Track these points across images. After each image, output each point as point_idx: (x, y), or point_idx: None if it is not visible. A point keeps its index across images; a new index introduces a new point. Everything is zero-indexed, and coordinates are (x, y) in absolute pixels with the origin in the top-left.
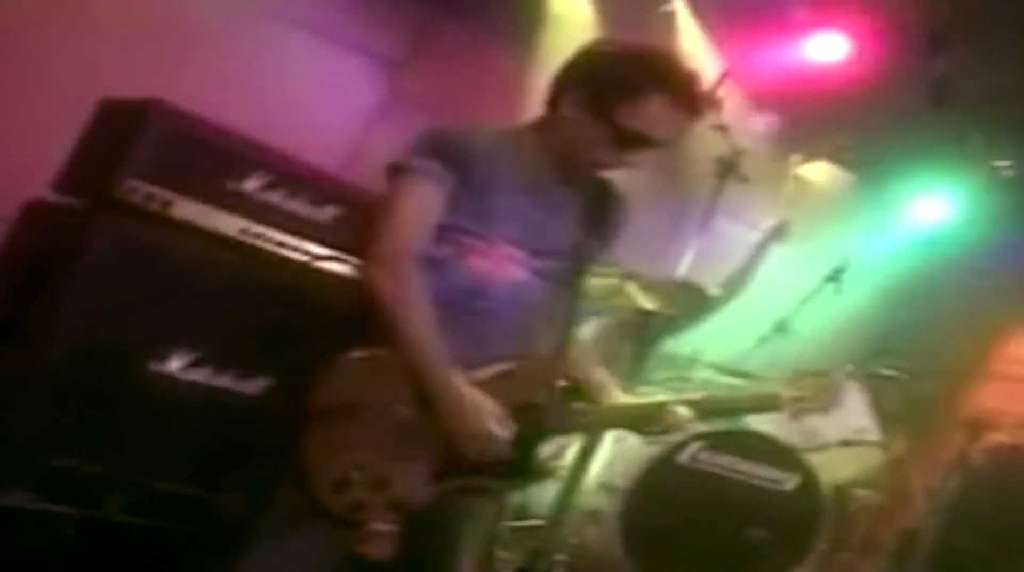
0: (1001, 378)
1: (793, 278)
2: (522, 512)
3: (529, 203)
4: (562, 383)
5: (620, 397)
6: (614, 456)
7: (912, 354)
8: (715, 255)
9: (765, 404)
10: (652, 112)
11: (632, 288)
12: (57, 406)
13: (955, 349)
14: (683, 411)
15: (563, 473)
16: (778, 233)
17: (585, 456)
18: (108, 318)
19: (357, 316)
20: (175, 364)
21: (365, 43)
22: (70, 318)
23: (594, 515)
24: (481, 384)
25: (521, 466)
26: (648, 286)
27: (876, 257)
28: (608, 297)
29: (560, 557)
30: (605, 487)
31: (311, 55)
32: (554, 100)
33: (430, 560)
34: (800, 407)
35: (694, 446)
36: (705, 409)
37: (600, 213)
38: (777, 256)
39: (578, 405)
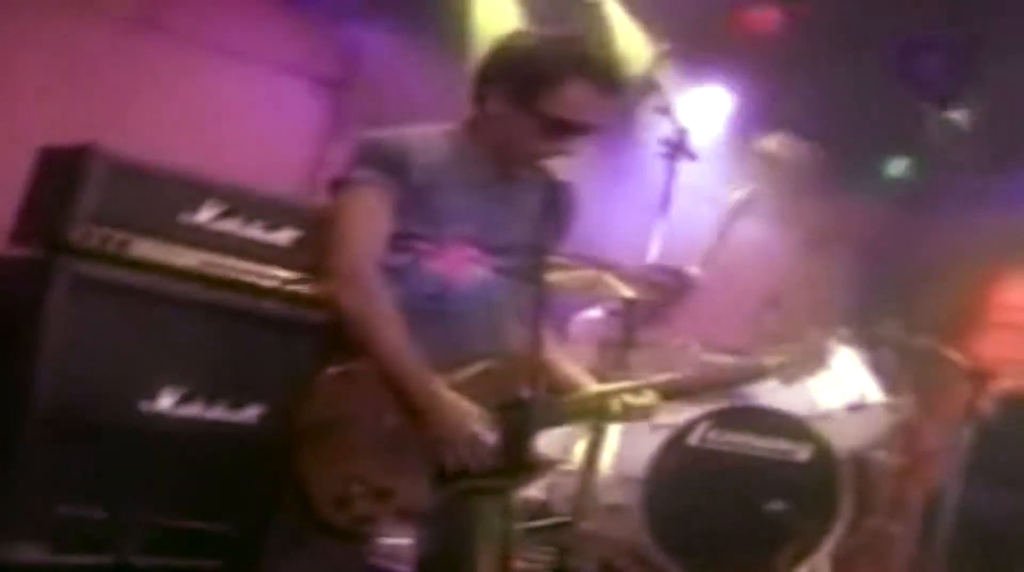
0: (1002, 326)
1: (774, 250)
2: (545, 511)
3: (477, 201)
4: (539, 377)
5: (594, 386)
6: (623, 447)
7: (904, 312)
8: (685, 236)
9: (751, 374)
10: (574, 98)
11: (610, 279)
12: (53, 456)
13: (948, 302)
14: (650, 395)
15: (575, 468)
16: (745, 205)
17: (594, 449)
18: (89, 364)
19: (329, 333)
20: (165, 402)
21: (306, 66)
22: (49, 368)
23: (616, 508)
24: (460, 386)
25: (515, 463)
26: (626, 275)
27: (848, 220)
28: (588, 289)
29: (591, 552)
30: (621, 479)
31: (255, 85)
32: (479, 97)
33: (449, 565)
34: (787, 372)
35: (702, 427)
36: (683, 389)
37: (551, 205)
38: (754, 229)
39: (560, 398)
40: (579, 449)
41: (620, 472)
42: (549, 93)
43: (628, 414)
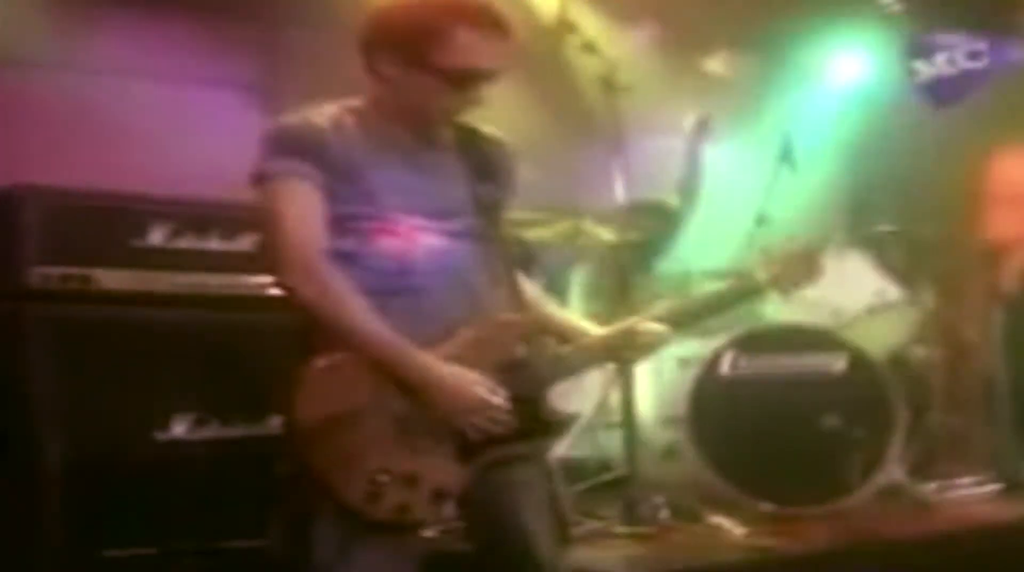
0: (1006, 202)
1: (753, 171)
2: (604, 467)
3: (406, 171)
4: (535, 331)
5: (594, 330)
6: (658, 389)
7: (903, 205)
8: (651, 173)
9: (746, 291)
10: (462, 45)
11: (588, 225)
12: (85, 505)
13: (946, 186)
14: (657, 326)
15: (616, 420)
16: (702, 129)
17: (629, 396)
18: (90, 407)
19: (306, 328)
20: (180, 428)
21: (226, 76)
22: (50, 421)
23: (669, 451)
24: (451, 358)
25: (536, 424)
26: (604, 218)
27: (818, 125)
28: (571, 240)
29: (659, 499)
30: (665, 421)
31: (179, 103)
32: (371, 66)
33: (503, 540)
34: (783, 283)
35: (729, 355)
36: (682, 315)
37: (482, 160)
38: (722, 150)
39: (564, 348)
40: (614, 400)
41: (662, 414)
42: (437, 46)
43: (636, 351)
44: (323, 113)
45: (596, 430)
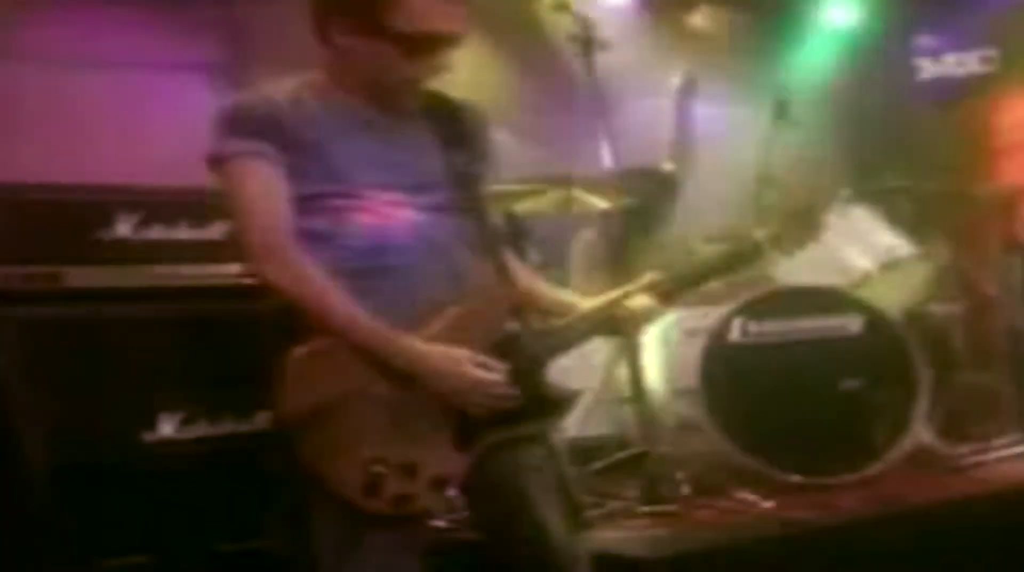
0: (1018, 148)
1: (751, 130)
2: (620, 445)
3: (373, 145)
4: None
5: (586, 302)
6: (667, 361)
7: (905, 158)
8: (642, 137)
9: (745, 253)
10: (418, 8)
11: (580, 193)
12: (77, 513)
13: (947, 136)
14: (645, 297)
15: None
16: (689, 87)
17: (637, 371)
18: (71, 411)
19: (282, 315)
20: (167, 428)
21: (186, 58)
22: (31, 428)
23: (686, 424)
24: (438, 337)
25: (536, 402)
26: (595, 186)
27: (815, 79)
28: (564, 209)
29: (680, 475)
30: (678, 394)
31: (141, 90)
32: (324, 36)
33: (513, 528)
34: (784, 243)
35: (737, 322)
36: (679, 282)
37: (453, 129)
38: (713, 109)
39: (555, 322)
40: (621, 376)
41: (674, 387)
42: (391, 10)
43: (630, 322)
44: (279, 89)
45: (608, 407)
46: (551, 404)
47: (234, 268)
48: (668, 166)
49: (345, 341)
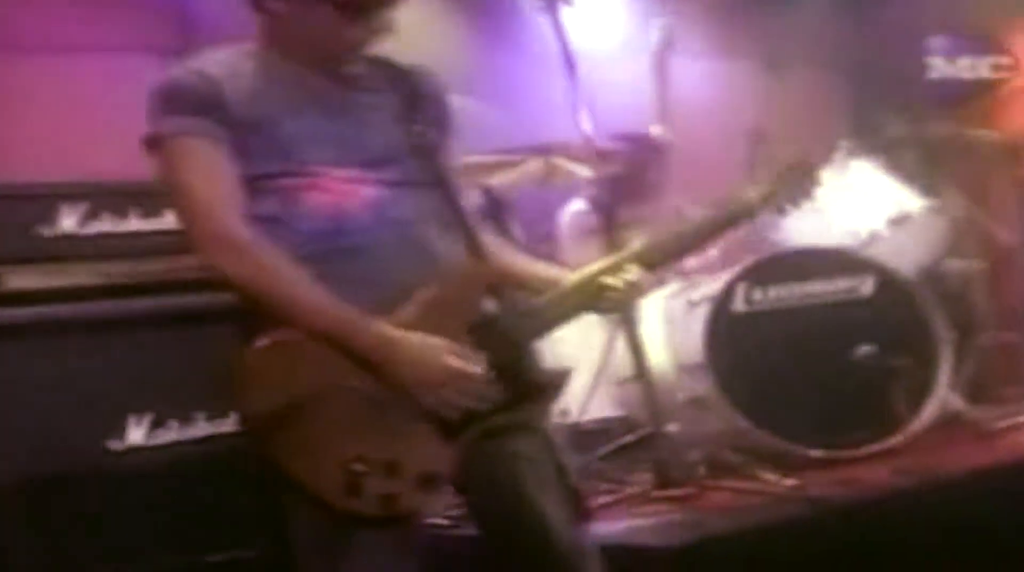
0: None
1: (734, 83)
2: (628, 428)
3: (322, 117)
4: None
5: (569, 276)
6: (670, 335)
7: (905, 106)
8: (624, 101)
9: (737, 214)
10: None
11: (562, 162)
12: (44, 530)
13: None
14: (633, 268)
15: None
16: (666, 41)
17: (637, 347)
18: (29, 421)
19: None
20: (136, 434)
21: (138, 41)
22: None
23: (695, 401)
24: (410, 324)
25: (522, 387)
26: (577, 154)
27: (805, 25)
28: (546, 180)
29: (693, 456)
30: (684, 369)
31: (93, 73)
32: (256, 4)
33: (512, 519)
34: (778, 201)
35: (740, 289)
36: (668, 249)
37: (408, 96)
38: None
39: (538, 300)
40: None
41: (679, 363)
42: None
43: (619, 295)
44: (215, 60)
45: (611, 387)
46: (537, 389)
47: (193, 260)
48: (656, 129)
49: (312, 330)
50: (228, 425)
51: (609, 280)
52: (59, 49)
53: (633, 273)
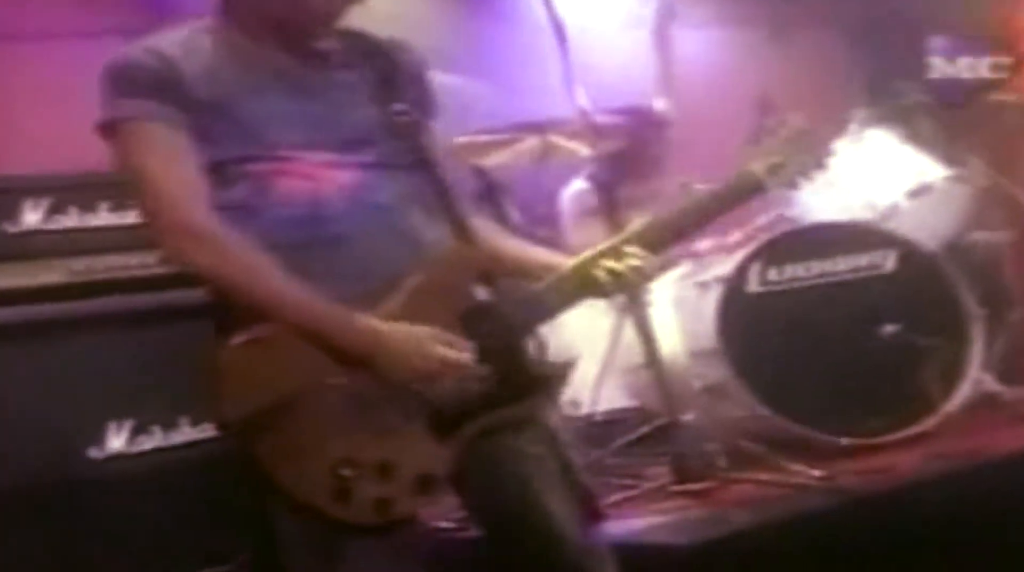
0: None
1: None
2: (643, 419)
3: (291, 97)
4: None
5: (567, 261)
6: (683, 319)
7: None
8: (626, 76)
9: (744, 188)
10: None
11: (560, 140)
12: (24, 544)
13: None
14: (635, 249)
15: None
16: (667, 11)
17: (648, 333)
18: (4, 430)
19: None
20: (117, 441)
21: (112, 24)
22: None
23: (713, 388)
24: (396, 315)
25: (519, 379)
26: (576, 132)
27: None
28: (542, 159)
29: (711, 446)
30: (699, 355)
31: (68, 60)
32: None
33: (516, 521)
34: (788, 173)
35: (755, 269)
36: (673, 228)
37: (384, 73)
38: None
39: (532, 286)
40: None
41: (694, 348)
42: None
43: (622, 279)
44: (171, 39)
45: (623, 377)
46: (539, 381)
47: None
48: (658, 103)
49: (291, 326)
50: (210, 429)
51: (611, 263)
52: (33, 36)
53: (636, 255)
